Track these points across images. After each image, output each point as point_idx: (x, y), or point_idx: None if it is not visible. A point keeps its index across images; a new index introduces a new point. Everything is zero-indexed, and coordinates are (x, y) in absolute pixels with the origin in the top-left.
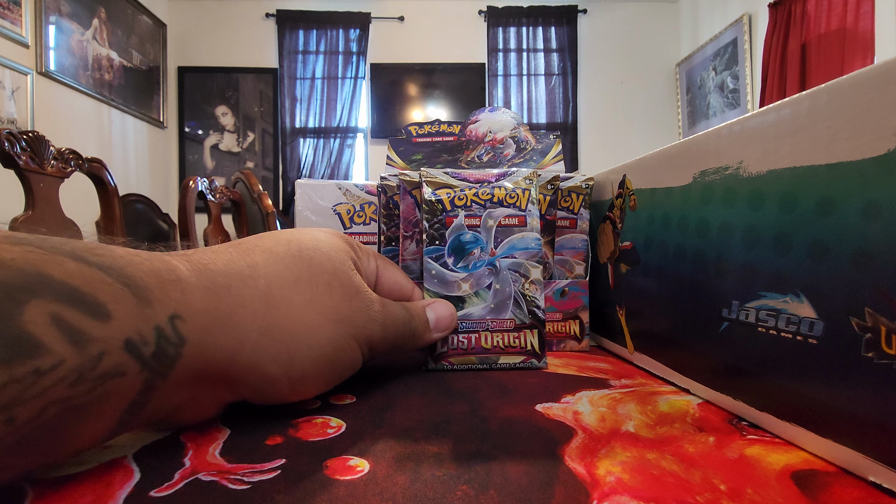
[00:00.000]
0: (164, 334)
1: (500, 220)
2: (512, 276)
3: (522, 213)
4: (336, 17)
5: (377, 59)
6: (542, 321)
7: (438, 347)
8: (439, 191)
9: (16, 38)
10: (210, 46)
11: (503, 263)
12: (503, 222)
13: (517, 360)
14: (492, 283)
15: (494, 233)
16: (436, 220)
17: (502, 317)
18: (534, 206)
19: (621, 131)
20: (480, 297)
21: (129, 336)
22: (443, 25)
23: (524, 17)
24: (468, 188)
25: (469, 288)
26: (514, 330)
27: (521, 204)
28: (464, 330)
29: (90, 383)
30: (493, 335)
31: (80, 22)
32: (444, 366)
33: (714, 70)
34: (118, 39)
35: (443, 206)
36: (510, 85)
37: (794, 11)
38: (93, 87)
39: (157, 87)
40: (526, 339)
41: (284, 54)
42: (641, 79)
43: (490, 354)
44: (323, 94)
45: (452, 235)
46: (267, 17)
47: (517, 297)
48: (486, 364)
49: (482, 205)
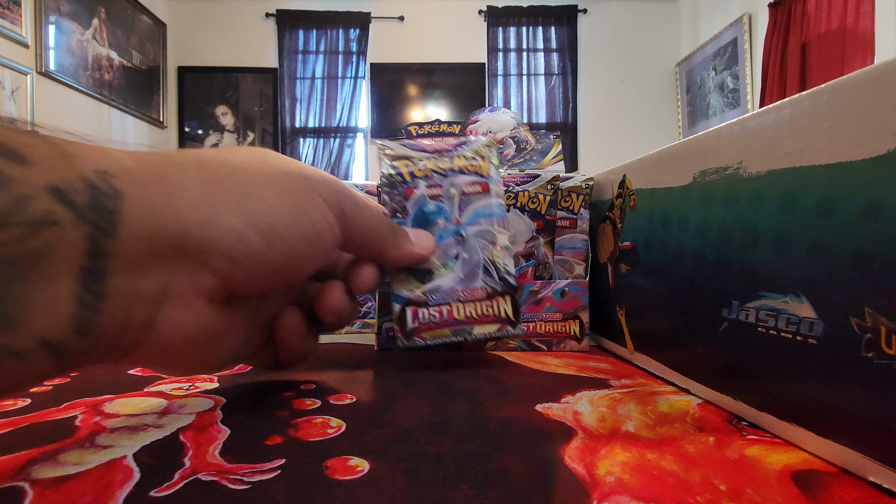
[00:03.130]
0: (94, 185)
1: (463, 189)
2: (480, 244)
3: (484, 180)
4: (336, 17)
5: (377, 58)
6: (513, 287)
7: (409, 322)
8: (397, 162)
9: (16, 37)
10: (210, 46)
11: (469, 231)
12: (466, 190)
13: (492, 330)
14: (459, 253)
15: (458, 201)
16: (396, 192)
17: (473, 286)
18: (496, 171)
19: (621, 131)
20: (449, 268)
21: (54, 183)
22: (443, 25)
23: (524, 16)
24: (427, 158)
25: (436, 259)
26: (487, 298)
27: (482, 171)
28: (434, 303)
29: (20, 229)
30: (466, 306)
31: (79, 22)
32: (416, 342)
33: (714, 70)
34: (118, 39)
35: (402, 178)
36: (510, 85)
37: (794, 11)
38: (93, 87)
39: (157, 87)
40: (499, 307)
41: (284, 54)
42: (641, 79)
43: (464, 325)
44: (323, 93)
45: (415, 207)
46: (267, 17)
47: (486, 264)
48: (461, 336)
49: (443, 174)
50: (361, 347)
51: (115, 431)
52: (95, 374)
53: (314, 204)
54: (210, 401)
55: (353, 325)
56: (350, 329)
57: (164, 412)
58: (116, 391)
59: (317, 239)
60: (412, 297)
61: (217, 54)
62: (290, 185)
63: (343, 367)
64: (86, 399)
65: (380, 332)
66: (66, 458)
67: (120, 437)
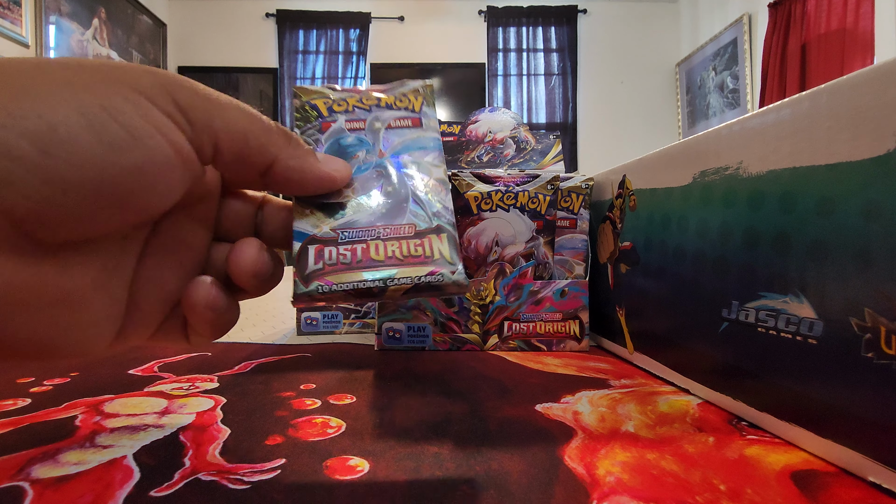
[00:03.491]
0: None
1: (390, 123)
2: (408, 176)
3: (416, 115)
4: (336, 17)
5: (377, 59)
6: (451, 224)
7: (311, 263)
8: (315, 100)
9: (16, 38)
10: (210, 46)
11: (395, 163)
12: (393, 124)
13: (421, 273)
14: (382, 186)
15: (383, 135)
16: (309, 126)
17: (398, 222)
18: (430, 109)
19: (621, 131)
20: (366, 201)
21: None
22: (443, 25)
23: (524, 17)
24: (349, 97)
25: (352, 193)
26: (415, 237)
27: (413, 107)
28: (346, 240)
29: None
30: (388, 244)
31: (80, 22)
32: (319, 287)
33: (714, 70)
34: (118, 39)
35: (318, 113)
36: (510, 85)
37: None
38: None
39: None
40: (432, 246)
41: (284, 54)
42: (641, 79)
43: (384, 268)
44: None
45: (330, 140)
46: (267, 17)
47: (416, 198)
48: (380, 281)
49: (367, 109)
50: (361, 347)
51: (115, 431)
52: (95, 374)
53: (125, 99)
54: (210, 401)
55: (354, 325)
56: (350, 329)
57: (164, 412)
58: (116, 391)
59: (135, 147)
60: (317, 233)
61: (217, 54)
62: (83, 76)
63: (343, 367)
64: (86, 399)
65: (380, 332)
66: (66, 458)
67: (120, 437)
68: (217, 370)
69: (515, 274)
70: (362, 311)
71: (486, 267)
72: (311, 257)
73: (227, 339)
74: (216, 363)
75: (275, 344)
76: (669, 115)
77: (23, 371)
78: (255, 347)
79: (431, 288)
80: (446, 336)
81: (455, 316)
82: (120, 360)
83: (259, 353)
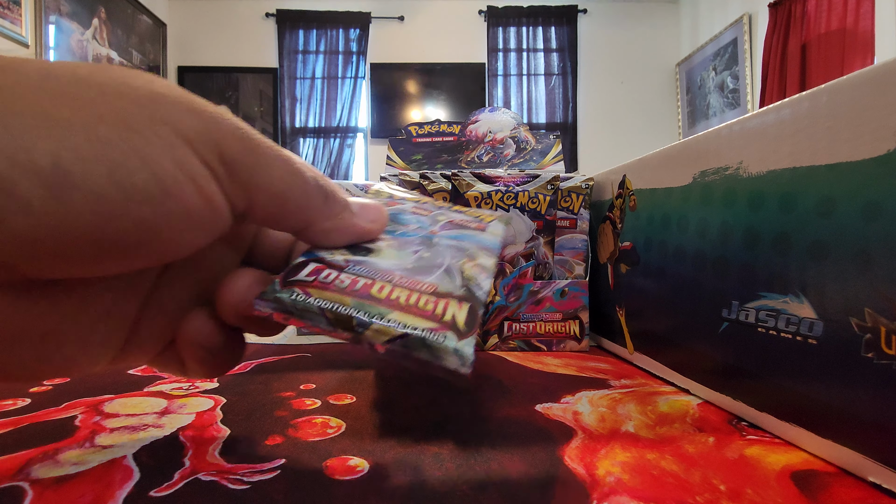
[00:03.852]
0: None
1: (454, 219)
2: (451, 253)
3: (483, 224)
4: (336, 17)
5: (377, 58)
6: (479, 301)
7: (301, 274)
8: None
9: (16, 37)
10: (210, 46)
11: (443, 240)
12: (457, 220)
13: (419, 326)
14: (420, 251)
15: (443, 224)
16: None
17: (419, 278)
18: (498, 226)
19: (621, 131)
20: (397, 256)
21: None
22: (443, 25)
23: (524, 17)
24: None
25: (384, 245)
26: (432, 294)
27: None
28: (352, 272)
29: None
30: (396, 289)
31: (79, 22)
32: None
33: (714, 70)
34: (118, 39)
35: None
36: (510, 85)
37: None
38: None
39: None
40: (446, 308)
41: (284, 54)
42: (641, 79)
43: (378, 305)
44: (323, 93)
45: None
46: (267, 17)
47: (450, 269)
48: (365, 314)
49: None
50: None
51: (115, 431)
52: (95, 374)
53: (162, 142)
54: (210, 401)
55: None
56: None
57: (164, 412)
58: (116, 391)
59: (163, 199)
60: (326, 256)
61: (217, 54)
62: (115, 103)
63: (343, 367)
64: (86, 399)
65: None
66: (66, 458)
67: (120, 437)
68: None
69: (515, 274)
70: None
71: None
72: (305, 269)
73: None
74: None
75: (275, 344)
76: (669, 115)
77: None
78: (255, 347)
79: (424, 347)
80: None
81: None
82: None
83: (259, 353)
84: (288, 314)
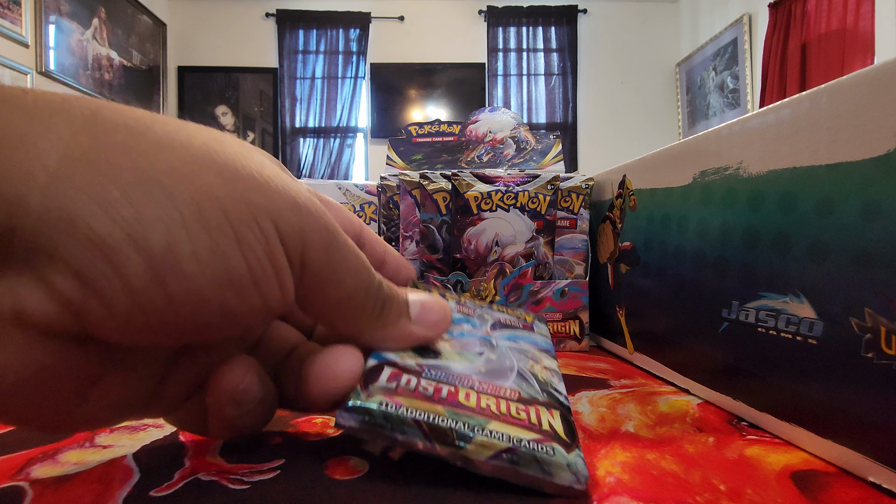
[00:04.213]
0: None
1: (500, 319)
2: (516, 355)
3: (528, 324)
4: (336, 17)
5: (377, 58)
6: (566, 408)
7: (382, 380)
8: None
9: (16, 37)
10: (210, 46)
11: (502, 341)
12: (503, 320)
13: (525, 437)
14: (485, 352)
15: (490, 324)
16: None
17: (499, 383)
18: (542, 325)
19: (621, 131)
20: (465, 358)
21: None
22: (443, 25)
23: (524, 16)
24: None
25: (449, 346)
26: (519, 401)
27: (524, 318)
28: (430, 377)
29: None
30: (483, 396)
31: (79, 21)
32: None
33: (714, 70)
34: (118, 39)
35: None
36: (510, 85)
37: (794, 11)
38: (93, 87)
39: (157, 87)
40: (540, 417)
41: (284, 54)
42: (641, 79)
43: (474, 415)
44: (323, 93)
45: None
46: (267, 17)
47: (522, 372)
48: (465, 425)
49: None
50: None
51: (115, 431)
52: None
53: (260, 231)
54: None
55: None
56: None
57: None
58: None
59: (249, 291)
60: (398, 360)
61: (217, 54)
62: (223, 185)
63: None
64: None
65: None
66: (66, 458)
67: (120, 437)
68: None
69: (515, 274)
70: None
71: (486, 267)
72: (383, 375)
73: None
74: None
75: None
76: (669, 115)
77: None
78: None
79: (534, 462)
80: None
81: None
82: None
83: None
84: (378, 427)
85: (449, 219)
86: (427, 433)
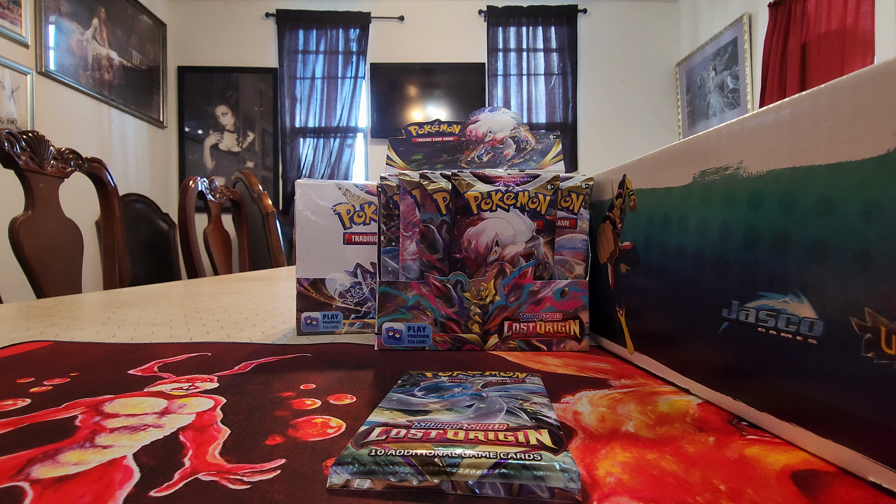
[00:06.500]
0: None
1: (492, 381)
2: (504, 400)
3: (517, 378)
4: (336, 17)
5: (377, 58)
6: (555, 426)
7: (372, 436)
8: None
9: (16, 37)
10: (210, 46)
11: (493, 393)
12: (494, 382)
13: (511, 451)
14: (475, 404)
15: (484, 384)
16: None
17: (488, 421)
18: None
19: (621, 131)
20: (455, 411)
21: None
22: (443, 25)
23: (524, 16)
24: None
25: (440, 406)
26: (507, 430)
27: (516, 375)
28: (420, 427)
29: None
30: (471, 432)
31: (79, 22)
32: (371, 452)
33: (714, 70)
34: (118, 39)
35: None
36: (510, 85)
37: (794, 11)
38: (92, 87)
39: (156, 87)
40: (527, 437)
41: (284, 54)
42: (641, 79)
43: (461, 445)
44: (323, 93)
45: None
46: (267, 17)
47: (514, 410)
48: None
49: (471, 375)
50: (361, 347)
51: (115, 432)
52: (95, 374)
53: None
54: (210, 401)
55: (354, 325)
56: (350, 329)
57: (164, 412)
58: (116, 391)
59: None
60: (390, 421)
61: (217, 54)
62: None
63: (343, 367)
64: (86, 399)
65: (380, 332)
66: (66, 458)
67: (120, 437)
68: (217, 370)
69: (515, 274)
70: (362, 311)
71: (486, 267)
72: (373, 433)
73: (227, 339)
74: (216, 363)
75: (275, 344)
76: (669, 115)
77: (22, 371)
78: (255, 347)
79: (524, 470)
80: (446, 336)
81: (455, 316)
82: (120, 360)
83: (259, 353)
84: (369, 473)
85: (449, 219)
86: (417, 467)
